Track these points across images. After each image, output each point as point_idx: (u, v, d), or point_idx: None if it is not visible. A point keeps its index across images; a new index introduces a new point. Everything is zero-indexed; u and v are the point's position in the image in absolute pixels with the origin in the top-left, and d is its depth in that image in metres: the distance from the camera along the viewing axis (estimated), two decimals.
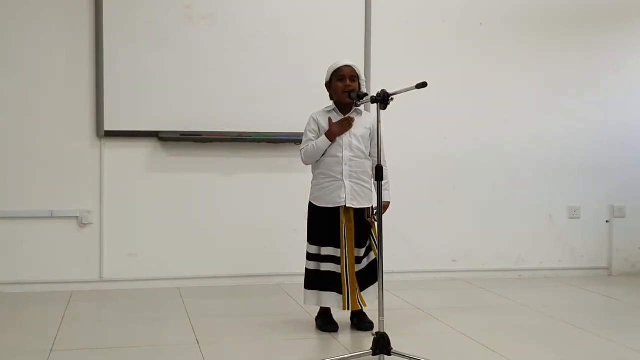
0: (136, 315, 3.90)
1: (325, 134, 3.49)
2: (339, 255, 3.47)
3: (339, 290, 3.47)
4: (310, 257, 3.56)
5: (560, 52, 5.20)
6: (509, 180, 5.16)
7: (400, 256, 4.85)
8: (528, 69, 5.15)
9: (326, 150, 3.52)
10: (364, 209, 3.53)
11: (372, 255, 3.54)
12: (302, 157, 3.59)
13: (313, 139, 3.55)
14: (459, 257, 5.08)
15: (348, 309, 3.48)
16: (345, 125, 3.50)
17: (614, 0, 5.29)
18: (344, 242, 3.47)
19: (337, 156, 3.50)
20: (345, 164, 3.49)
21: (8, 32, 4.39)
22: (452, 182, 5.07)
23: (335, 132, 3.49)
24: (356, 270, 3.50)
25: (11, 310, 4.02)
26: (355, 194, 3.50)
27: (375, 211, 3.49)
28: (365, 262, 3.54)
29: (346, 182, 3.49)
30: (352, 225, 3.49)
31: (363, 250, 3.53)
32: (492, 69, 5.08)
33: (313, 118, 3.58)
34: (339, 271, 3.47)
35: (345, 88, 3.50)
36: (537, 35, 5.15)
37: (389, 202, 3.54)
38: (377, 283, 3.46)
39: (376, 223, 3.27)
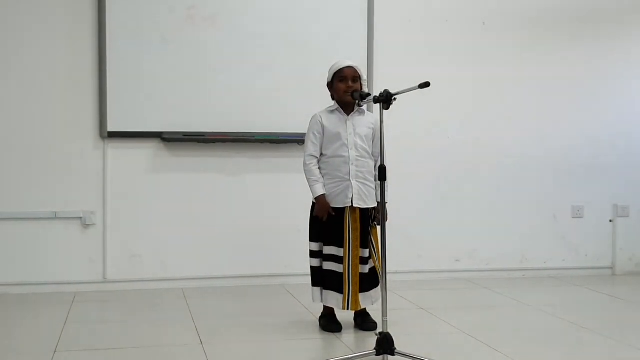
0: (140, 316, 3.91)
1: (318, 196, 3.49)
2: (341, 254, 3.48)
3: (339, 290, 3.47)
4: (313, 254, 3.56)
5: (563, 50, 5.19)
6: (513, 179, 5.15)
7: (403, 256, 4.84)
8: (531, 68, 5.14)
9: (331, 151, 3.52)
10: (368, 208, 3.53)
11: (372, 263, 3.55)
12: (304, 163, 3.58)
13: (316, 142, 3.54)
14: (462, 257, 5.08)
15: (348, 309, 3.48)
16: (323, 213, 3.49)
17: (617, 0, 5.28)
18: (347, 242, 3.47)
19: (343, 156, 3.50)
20: (352, 164, 3.49)
21: (11, 33, 4.40)
22: (456, 182, 5.06)
23: (318, 205, 3.50)
24: (360, 271, 3.49)
25: (15, 311, 4.02)
26: (362, 194, 3.50)
27: (376, 215, 3.50)
28: (369, 266, 3.53)
29: (353, 182, 3.49)
30: (358, 225, 3.49)
31: (367, 251, 3.52)
32: (495, 67, 5.07)
33: (318, 119, 3.58)
34: (341, 271, 3.47)
35: (347, 89, 3.50)
36: (540, 34, 5.15)
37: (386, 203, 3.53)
38: (374, 290, 3.51)
39: (378, 227, 3.28)
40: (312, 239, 3.58)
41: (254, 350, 3.27)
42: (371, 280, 3.52)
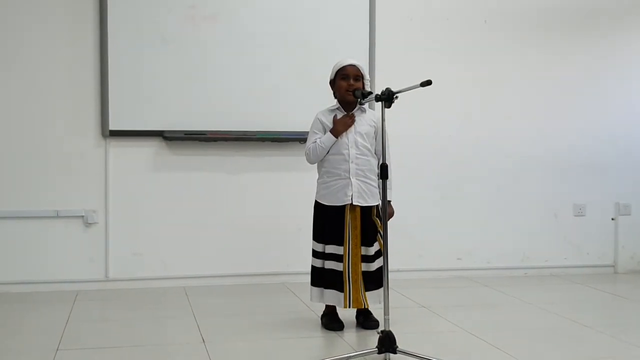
0: (142, 315, 3.91)
1: (330, 131, 3.50)
2: (341, 253, 3.47)
3: (340, 288, 3.47)
4: (315, 254, 3.56)
5: (564, 49, 5.19)
6: (514, 178, 5.15)
7: (405, 254, 4.84)
8: (533, 66, 5.14)
9: (331, 149, 3.51)
10: (370, 207, 3.53)
11: (382, 261, 3.53)
12: (307, 157, 3.58)
13: (316, 139, 3.55)
14: (464, 255, 5.08)
15: (349, 307, 3.47)
16: (348, 121, 3.50)
17: (617, 0, 5.28)
18: (347, 240, 3.46)
19: (342, 154, 3.50)
20: (352, 162, 3.49)
21: (13, 32, 4.40)
22: (457, 180, 5.06)
23: (339, 129, 3.49)
24: (365, 269, 3.48)
25: (17, 310, 4.03)
26: (362, 192, 3.49)
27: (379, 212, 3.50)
28: (376, 265, 3.51)
29: (353, 180, 3.48)
30: (358, 223, 3.49)
31: (372, 249, 3.51)
32: (496, 66, 5.08)
33: (318, 118, 3.58)
34: (341, 269, 3.47)
35: (348, 87, 3.50)
36: (542, 33, 5.15)
37: (390, 202, 3.53)
38: (382, 288, 3.47)
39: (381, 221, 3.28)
40: (316, 238, 3.58)
41: (255, 349, 3.27)
42: (379, 279, 3.48)
